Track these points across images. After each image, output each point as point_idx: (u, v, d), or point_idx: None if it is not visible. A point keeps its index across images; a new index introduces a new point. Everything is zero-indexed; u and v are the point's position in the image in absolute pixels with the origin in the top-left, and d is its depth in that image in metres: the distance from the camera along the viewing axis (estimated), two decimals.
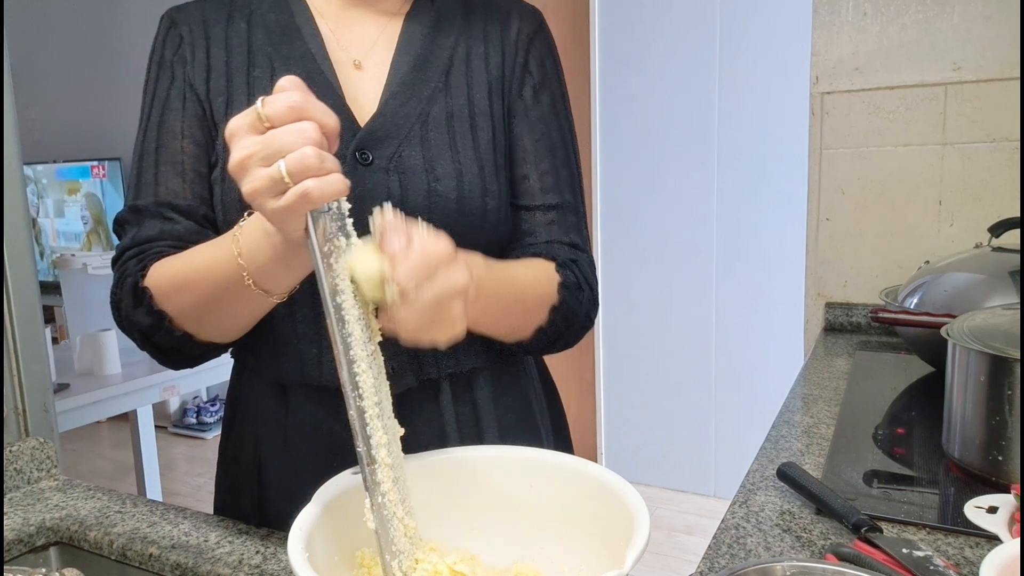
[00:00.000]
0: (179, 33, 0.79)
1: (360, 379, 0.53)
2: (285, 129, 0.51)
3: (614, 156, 3.15)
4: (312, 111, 0.52)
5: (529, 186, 0.82)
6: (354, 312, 0.54)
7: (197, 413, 4.21)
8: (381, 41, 0.81)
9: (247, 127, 0.52)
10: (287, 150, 0.50)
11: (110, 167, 4.17)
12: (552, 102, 0.85)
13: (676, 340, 3.15)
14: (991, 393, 0.81)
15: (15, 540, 0.84)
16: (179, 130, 0.77)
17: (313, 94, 0.53)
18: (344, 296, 0.53)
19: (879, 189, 1.52)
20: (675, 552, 2.77)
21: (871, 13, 1.48)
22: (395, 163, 0.75)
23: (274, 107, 0.51)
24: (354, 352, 0.53)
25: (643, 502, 0.56)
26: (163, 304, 0.71)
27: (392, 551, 0.54)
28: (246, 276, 0.63)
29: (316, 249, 0.53)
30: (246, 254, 0.62)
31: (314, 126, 0.51)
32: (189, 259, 0.69)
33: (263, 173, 0.51)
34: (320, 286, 0.53)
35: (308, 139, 0.51)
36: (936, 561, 0.63)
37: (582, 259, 0.82)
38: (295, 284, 0.65)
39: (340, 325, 0.53)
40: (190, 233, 0.75)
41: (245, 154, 0.52)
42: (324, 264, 0.53)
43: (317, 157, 0.51)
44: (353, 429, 0.54)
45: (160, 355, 0.76)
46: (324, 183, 0.51)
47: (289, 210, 0.52)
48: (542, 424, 0.89)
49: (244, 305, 0.67)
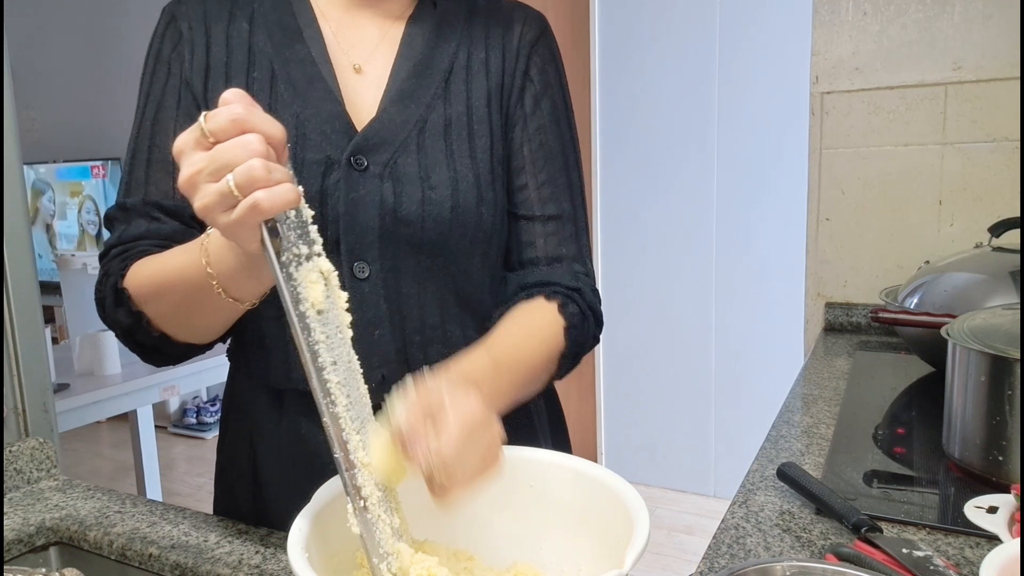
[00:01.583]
0: (179, 29, 0.79)
1: (331, 386, 0.53)
2: (230, 143, 0.51)
3: (614, 156, 3.15)
4: (255, 123, 0.51)
5: (528, 196, 0.82)
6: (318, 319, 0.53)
7: (197, 413, 4.21)
8: (383, 45, 0.80)
9: (193, 143, 0.52)
10: (234, 164, 0.50)
11: (110, 167, 4.17)
12: (553, 110, 0.84)
13: (676, 340, 3.15)
14: (991, 393, 0.81)
15: (15, 540, 0.84)
16: (171, 129, 0.77)
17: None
18: (306, 305, 0.53)
19: (879, 189, 1.52)
20: (675, 552, 2.77)
21: (871, 13, 1.48)
22: (390, 170, 0.75)
23: (217, 121, 0.51)
24: (322, 360, 0.53)
25: (643, 502, 0.56)
26: (141, 305, 0.71)
27: (379, 554, 0.53)
28: (215, 284, 0.62)
29: (273, 260, 0.53)
30: (214, 263, 0.62)
31: (259, 138, 0.51)
32: (163, 263, 0.69)
33: (212, 188, 0.51)
34: (281, 296, 0.53)
35: (253, 151, 0.50)
36: (936, 561, 0.63)
37: (584, 284, 0.81)
38: (264, 292, 0.65)
39: (305, 334, 0.53)
40: (176, 233, 0.75)
41: (193, 170, 0.51)
42: (283, 274, 0.52)
43: (264, 168, 0.50)
44: (328, 436, 0.53)
45: (142, 352, 0.76)
46: (273, 194, 0.50)
47: (240, 223, 0.51)
48: (539, 424, 0.89)
49: (216, 310, 0.67)
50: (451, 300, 0.79)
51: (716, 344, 3.09)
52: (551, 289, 0.80)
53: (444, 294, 0.78)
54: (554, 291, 0.79)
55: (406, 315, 0.77)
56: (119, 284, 0.71)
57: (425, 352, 0.78)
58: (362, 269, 0.75)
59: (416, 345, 0.78)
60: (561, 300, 0.78)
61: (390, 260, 0.75)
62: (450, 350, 0.79)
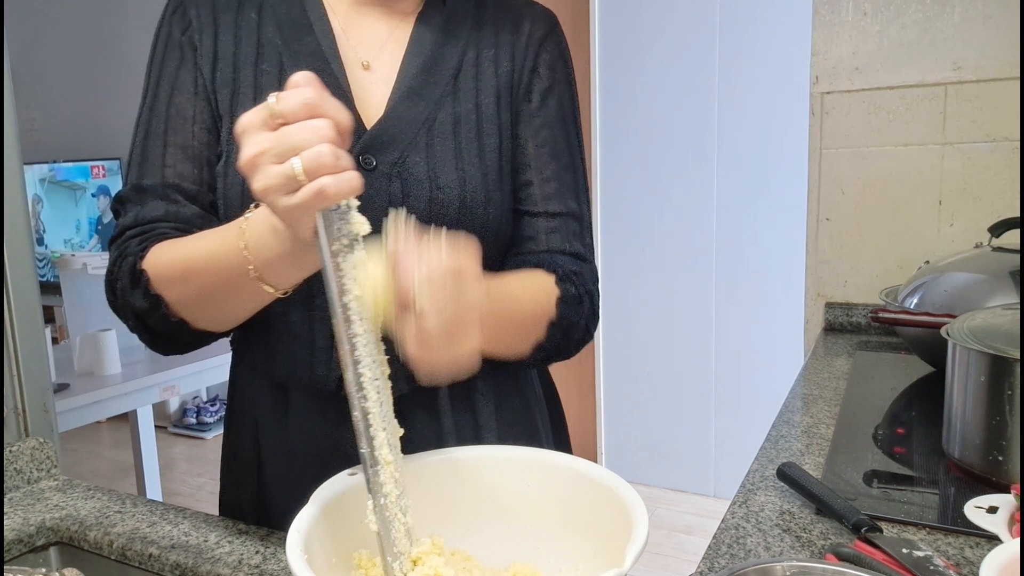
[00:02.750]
0: (188, 15, 0.78)
1: (364, 380, 0.53)
2: (300, 126, 0.50)
3: (614, 156, 3.15)
4: (326, 108, 0.51)
5: (531, 192, 0.81)
6: (360, 313, 0.53)
7: (197, 413, 4.21)
8: (391, 42, 0.80)
9: (259, 123, 0.51)
10: (301, 147, 0.50)
11: (110, 167, 4.17)
12: (559, 107, 0.83)
13: (676, 340, 3.15)
14: (991, 393, 0.81)
15: (15, 540, 0.84)
16: (191, 114, 0.75)
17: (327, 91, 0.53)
18: (351, 296, 0.52)
19: (879, 189, 1.52)
20: (675, 552, 2.77)
21: (871, 13, 1.48)
22: (398, 169, 0.74)
23: (288, 103, 0.50)
24: (359, 353, 0.53)
25: (641, 501, 0.56)
26: (160, 289, 0.69)
27: (394, 552, 0.54)
28: (252, 269, 0.61)
29: (325, 248, 0.52)
30: (253, 248, 0.61)
31: (329, 123, 0.51)
32: (191, 246, 0.68)
33: (276, 170, 0.50)
34: (327, 285, 0.53)
35: (323, 136, 0.50)
36: (936, 561, 0.63)
37: (585, 270, 0.81)
38: (300, 281, 0.64)
39: (347, 325, 0.52)
40: (196, 218, 0.74)
41: (257, 150, 0.51)
42: (332, 263, 0.52)
43: (333, 155, 0.50)
44: (357, 430, 0.53)
45: (152, 339, 0.74)
46: (340, 180, 0.50)
47: (303, 207, 0.51)
48: (541, 424, 0.88)
49: (246, 298, 0.66)
50: None
51: (716, 344, 3.09)
52: (552, 264, 0.79)
53: None
54: (554, 267, 0.78)
55: None
56: (138, 265, 0.70)
57: None
58: None
59: None
60: (560, 274, 0.77)
61: None
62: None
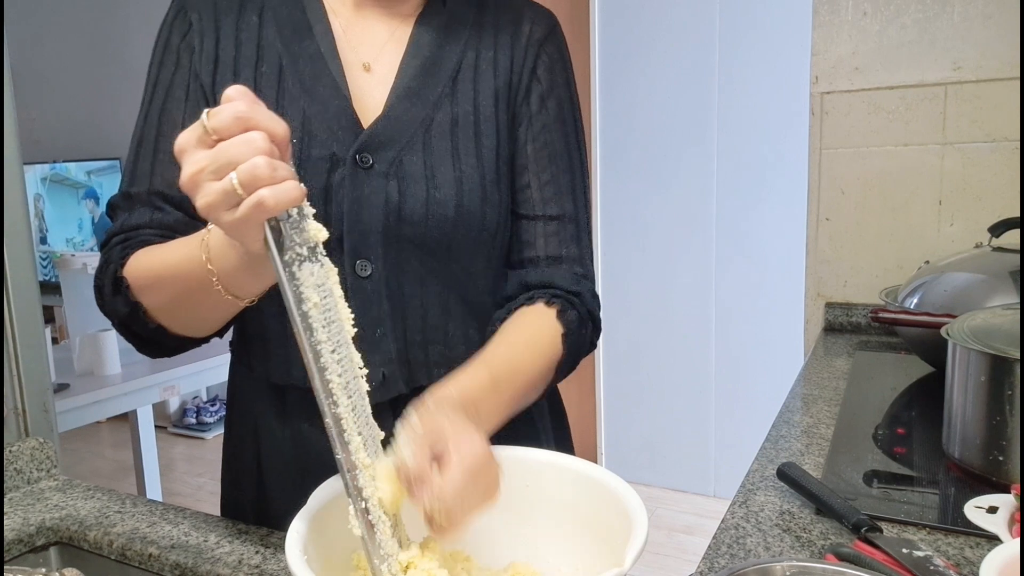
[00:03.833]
0: (188, 19, 0.78)
1: (333, 387, 0.53)
2: (233, 141, 0.50)
3: (614, 156, 3.15)
4: (259, 120, 0.51)
5: (530, 195, 0.81)
6: (320, 319, 0.53)
7: (197, 413, 4.21)
8: (391, 43, 0.80)
9: (195, 141, 0.51)
10: (237, 162, 0.49)
11: (110, 167, 4.17)
12: (559, 110, 0.83)
13: (676, 340, 3.15)
14: (991, 393, 0.81)
15: (15, 540, 0.84)
16: (180, 121, 0.76)
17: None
18: (310, 304, 0.52)
19: (879, 189, 1.52)
20: (675, 552, 2.77)
21: (871, 13, 1.48)
22: (395, 168, 0.74)
23: (220, 119, 0.50)
24: (324, 360, 0.52)
25: (641, 502, 0.56)
26: (139, 296, 0.70)
27: (380, 555, 0.53)
28: (215, 281, 0.62)
29: (276, 259, 0.52)
30: (214, 260, 0.61)
31: (262, 135, 0.51)
32: (163, 255, 0.69)
33: (216, 187, 0.50)
34: (284, 296, 0.52)
35: (257, 149, 0.50)
36: (936, 561, 0.63)
37: (584, 288, 0.81)
38: (264, 290, 0.64)
39: (308, 334, 0.52)
40: (179, 223, 0.75)
41: (195, 168, 0.51)
42: (286, 273, 0.52)
43: (268, 166, 0.50)
44: (330, 437, 0.53)
45: (138, 343, 0.75)
46: (278, 191, 0.50)
47: (245, 221, 0.51)
48: (542, 424, 0.88)
49: (214, 306, 0.67)
50: (453, 300, 0.79)
51: (716, 344, 3.09)
52: (551, 293, 0.79)
53: (446, 294, 0.78)
54: (554, 295, 0.79)
55: (408, 314, 0.77)
56: (118, 272, 0.71)
57: (426, 352, 0.78)
58: (364, 267, 0.74)
59: (417, 344, 0.77)
60: (560, 306, 0.78)
61: (393, 259, 0.75)
62: (451, 350, 0.79)
